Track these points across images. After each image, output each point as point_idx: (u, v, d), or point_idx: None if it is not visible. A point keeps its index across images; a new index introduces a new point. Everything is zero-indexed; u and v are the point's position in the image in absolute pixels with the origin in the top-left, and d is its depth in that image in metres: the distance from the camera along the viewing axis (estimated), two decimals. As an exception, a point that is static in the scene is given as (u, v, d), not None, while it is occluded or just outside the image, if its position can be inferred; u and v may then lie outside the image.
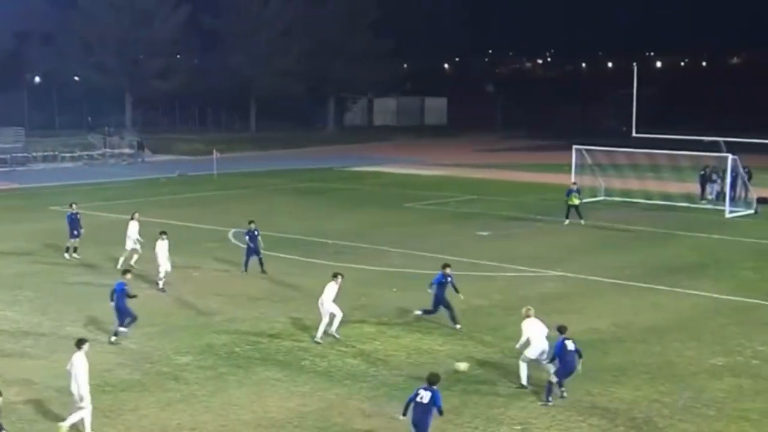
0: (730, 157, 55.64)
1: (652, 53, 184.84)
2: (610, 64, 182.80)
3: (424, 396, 20.01)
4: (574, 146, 60.57)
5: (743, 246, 45.37)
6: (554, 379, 23.71)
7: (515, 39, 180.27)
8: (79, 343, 22.07)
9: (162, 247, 35.13)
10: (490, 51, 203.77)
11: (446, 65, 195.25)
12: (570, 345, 23.73)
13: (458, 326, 30.05)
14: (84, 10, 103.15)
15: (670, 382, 25.34)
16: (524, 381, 24.67)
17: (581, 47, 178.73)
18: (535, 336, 24.70)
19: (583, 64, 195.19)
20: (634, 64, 64.71)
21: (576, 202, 50.98)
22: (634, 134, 59.51)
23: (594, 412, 23.20)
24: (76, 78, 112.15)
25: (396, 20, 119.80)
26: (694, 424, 22.64)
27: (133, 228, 38.43)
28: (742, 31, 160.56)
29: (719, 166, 58.42)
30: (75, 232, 40.53)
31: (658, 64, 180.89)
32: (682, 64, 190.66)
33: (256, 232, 37.56)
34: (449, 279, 30.26)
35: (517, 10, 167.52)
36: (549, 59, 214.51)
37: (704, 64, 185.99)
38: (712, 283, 36.92)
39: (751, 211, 55.38)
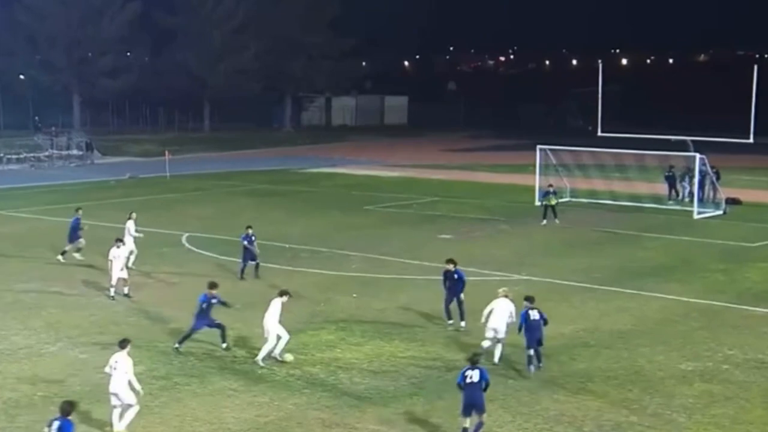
0: (698, 156, 55.33)
1: (617, 50, 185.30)
2: (574, 62, 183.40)
3: (474, 375, 21.19)
4: (538, 146, 60.15)
5: (712, 248, 45.03)
6: (531, 352, 25.48)
7: (477, 36, 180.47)
8: (123, 343, 22.23)
9: (118, 254, 34.26)
10: (451, 48, 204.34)
11: (406, 63, 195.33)
12: (533, 314, 25.70)
13: (451, 322, 30.55)
14: (29, 7, 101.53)
15: (638, 388, 25.00)
16: (494, 358, 26.18)
17: (545, 44, 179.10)
18: (495, 313, 26.53)
19: (547, 62, 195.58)
20: (599, 61, 64.25)
21: (553, 202, 51.06)
22: (599, 133, 59.03)
23: (561, 420, 22.82)
24: (22, 76, 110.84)
25: (355, 17, 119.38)
26: (664, 431, 22.36)
27: (131, 227, 38.52)
28: (708, 29, 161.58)
29: (687, 165, 58.02)
30: (74, 239, 39.94)
31: (624, 61, 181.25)
32: (648, 61, 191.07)
33: (253, 238, 37.15)
34: (456, 275, 30.42)
35: (478, 6, 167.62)
36: (512, 56, 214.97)
37: (671, 61, 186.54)
38: (681, 285, 36.62)
39: (720, 212, 55.05)
